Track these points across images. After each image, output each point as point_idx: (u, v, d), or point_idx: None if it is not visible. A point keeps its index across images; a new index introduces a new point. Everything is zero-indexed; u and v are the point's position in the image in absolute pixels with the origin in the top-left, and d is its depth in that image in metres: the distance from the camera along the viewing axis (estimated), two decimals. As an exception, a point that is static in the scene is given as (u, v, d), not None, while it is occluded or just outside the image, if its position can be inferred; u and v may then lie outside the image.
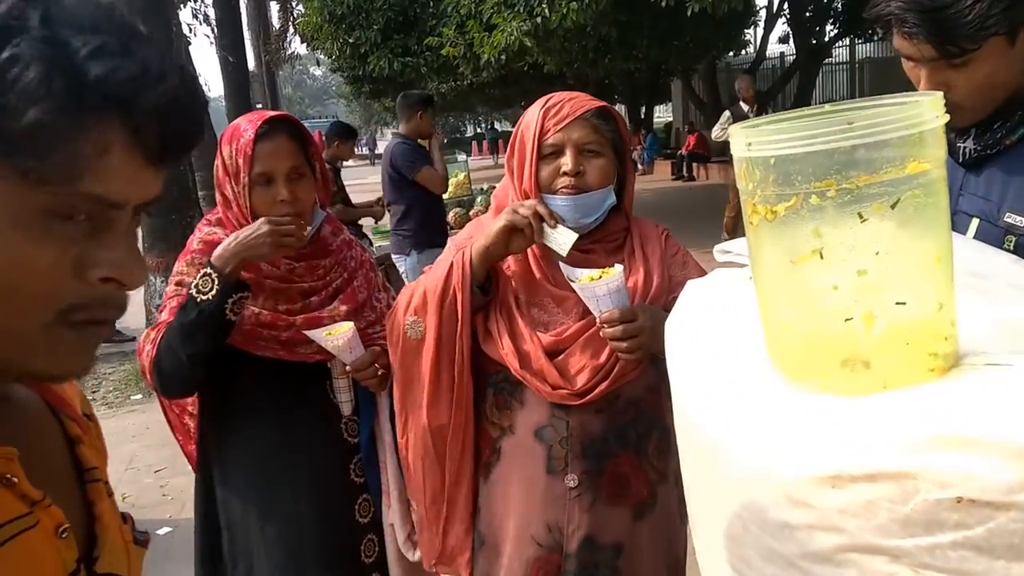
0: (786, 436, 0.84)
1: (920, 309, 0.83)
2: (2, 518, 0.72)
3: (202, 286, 1.89)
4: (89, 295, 0.70)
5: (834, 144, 0.78)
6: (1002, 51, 1.37)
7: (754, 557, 0.89)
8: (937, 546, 0.71)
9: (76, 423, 0.89)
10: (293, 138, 2.01)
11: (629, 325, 1.69)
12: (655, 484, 1.85)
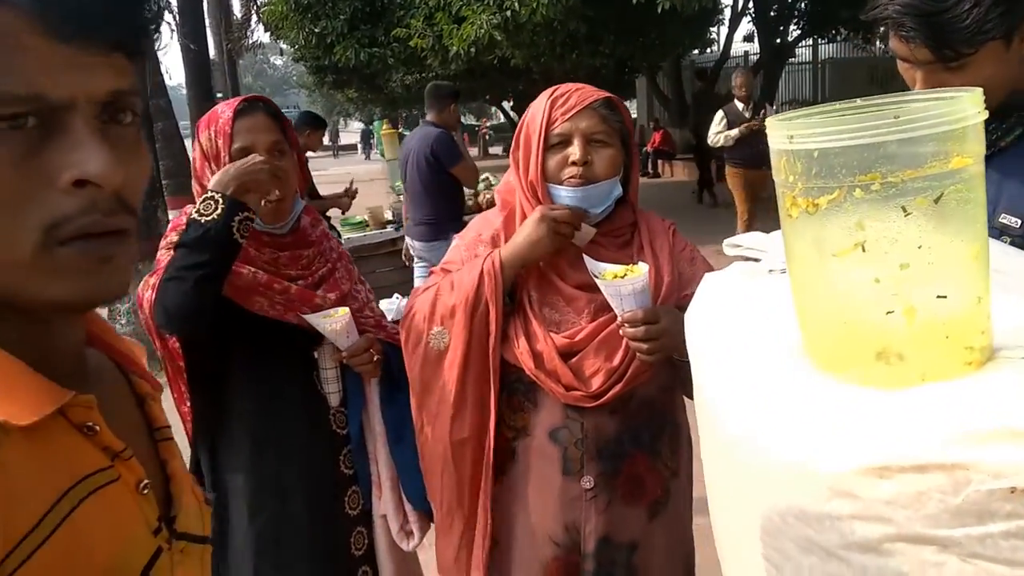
0: (828, 428, 0.85)
1: (960, 303, 0.84)
2: (84, 470, 0.70)
3: (204, 209, 1.83)
4: (69, 206, 0.66)
5: (881, 138, 0.79)
6: (998, 55, 1.39)
7: (791, 548, 0.90)
8: (988, 535, 0.72)
9: (145, 380, 0.87)
10: (271, 116, 1.99)
11: (652, 327, 1.68)
12: (668, 482, 1.86)
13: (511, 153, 1.86)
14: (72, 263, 0.67)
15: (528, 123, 1.80)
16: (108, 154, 0.67)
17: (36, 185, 0.65)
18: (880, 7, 1.43)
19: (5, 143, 0.63)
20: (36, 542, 0.64)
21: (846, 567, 0.83)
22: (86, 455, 0.72)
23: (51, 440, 0.69)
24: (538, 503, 1.81)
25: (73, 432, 0.71)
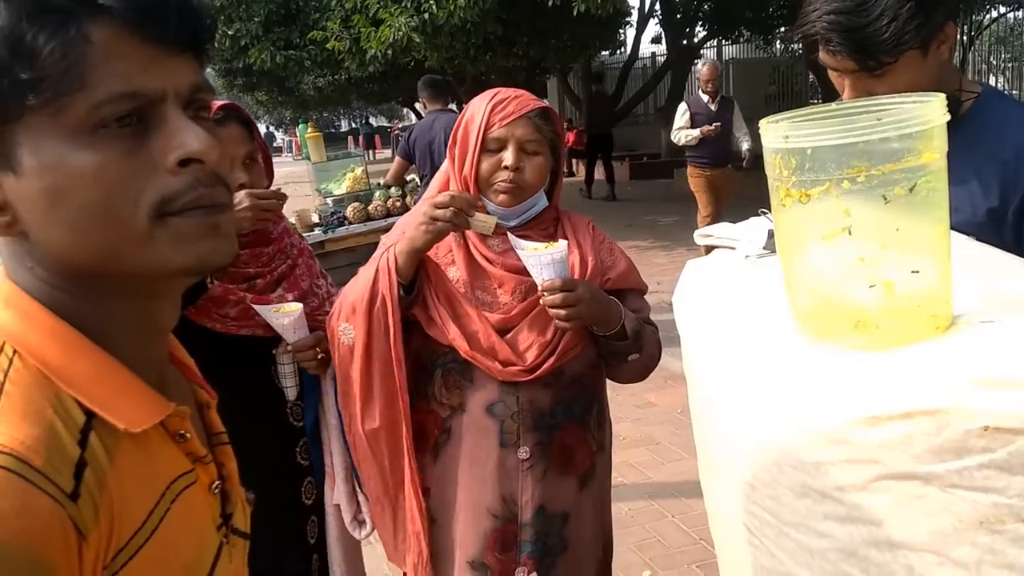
0: (821, 386, 0.98)
1: (930, 277, 0.99)
2: (176, 472, 0.78)
3: None
4: (177, 184, 0.73)
5: (866, 137, 0.93)
6: (917, 62, 1.55)
7: (785, 494, 1.03)
8: (965, 468, 0.87)
9: (204, 390, 0.96)
10: (243, 125, 2.05)
11: (569, 294, 1.77)
12: (595, 454, 1.97)
13: (448, 148, 1.95)
14: (186, 231, 0.74)
15: (467, 122, 1.90)
16: (205, 134, 0.75)
17: (146, 171, 0.72)
18: (808, 24, 1.58)
19: (116, 140, 0.71)
20: (141, 540, 0.71)
21: (839, 506, 0.97)
22: (176, 459, 0.80)
23: (151, 445, 0.77)
24: (476, 477, 1.88)
25: (167, 439, 0.80)
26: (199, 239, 0.75)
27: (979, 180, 1.60)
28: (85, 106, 0.69)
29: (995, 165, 1.59)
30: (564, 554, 1.93)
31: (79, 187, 0.70)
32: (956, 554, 0.89)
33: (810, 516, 1.01)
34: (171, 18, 0.73)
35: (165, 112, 0.74)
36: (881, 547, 0.94)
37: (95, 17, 0.70)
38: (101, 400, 0.72)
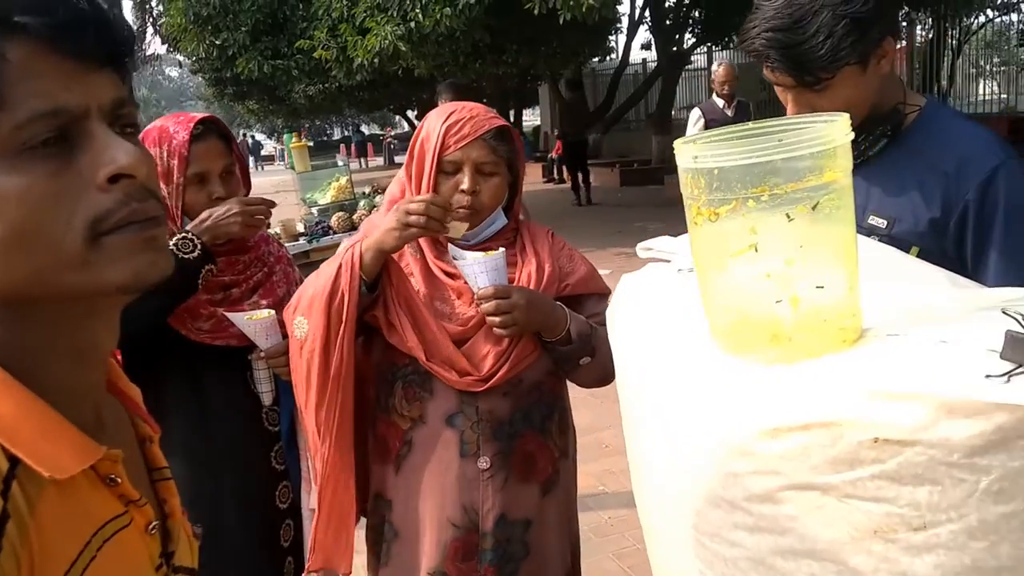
0: (729, 399, 1.01)
1: (834, 292, 1.02)
2: (105, 517, 0.77)
3: (183, 246, 1.95)
4: (108, 201, 0.73)
5: (768, 157, 0.96)
6: (856, 77, 1.58)
7: (702, 505, 1.06)
8: (859, 479, 0.89)
9: (147, 424, 0.95)
10: (222, 138, 2.09)
11: (502, 301, 1.81)
12: (558, 461, 1.99)
13: (405, 166, 1.97)
14: (121, 247, 0.73)
15: (423, 141, 1.91)
16: (133, 148, 0.74)
17: (76, 190, 0.71)
18: (748, 40, 1.61)
19: (42, 160, 0.70)
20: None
21: (748, 516, 1.00)
22: (106, 504, 0.78)
23: (78, 490, 0.74)
24: (437, 488, 1.90)
25: (97, 482, 0.77)
26: (135, 255, 0.75)
27: (921, 191, 1.64)
28: (7, 128, 0.69)
29: (937, 177, 1.63)
30: (527, 559, 1.96)
31: (6, 212, 0.69)
32: (854, 562, 0.92)
33: (723, 526, 1.03)
34: (89, 33, 0.73)
35: (90, 128, 0.73)
36: (786, 556, 0.97)
37: (11, 36, 0.70)
38: (24, 445, 0.70)
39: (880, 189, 1.70)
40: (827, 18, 1.51)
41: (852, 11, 1.51)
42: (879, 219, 1.68)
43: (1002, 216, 1.58)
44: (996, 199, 1.58)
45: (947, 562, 0.88)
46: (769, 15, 1.56)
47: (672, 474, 1.11)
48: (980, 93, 20.01)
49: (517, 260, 1.99)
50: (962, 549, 0.87)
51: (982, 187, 1.58)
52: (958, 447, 0.85)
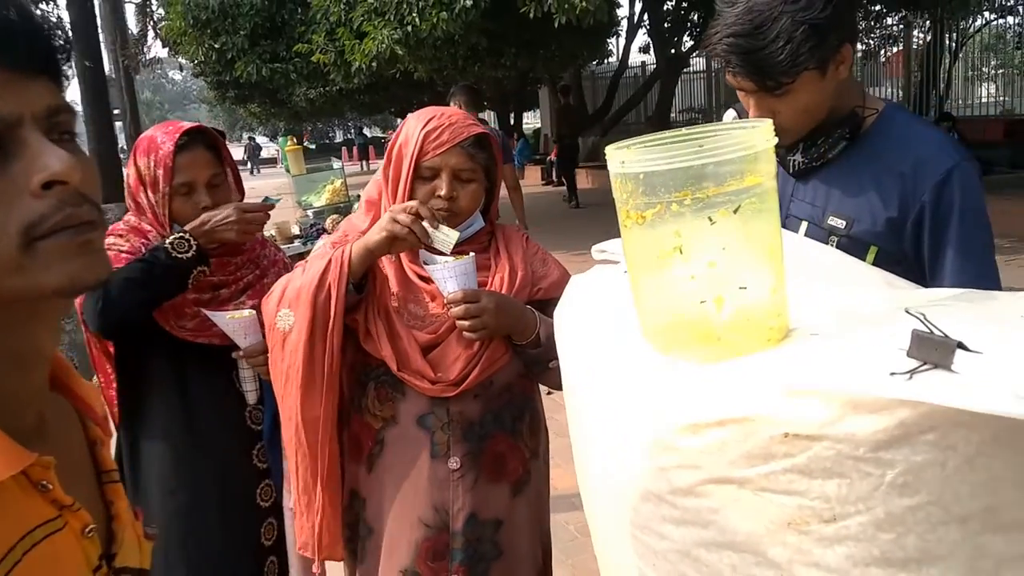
0: (656, 397, 1.04)
1: (758, 292, 1.05)
2: (35, 522, 0.78)
3: (178, 246, 2.01)
4: (42, 207, 0.74)
5: (688, 163, 0.99)
6: (815, 82, 1.62)
7: (634, 499, 1.09)
8: (772, 472, 0.93)
9: (99, 427, 0.96)
10: (210, 148, 2.13)
11: (472, 305, 1.84)
12: (529, 461, 2.03)
13: (383, 168, 1.99)
14: (56, 252, 0.74)
15: (401, 145, 1.94)
16: (67, 155, 0.75)
17: (9, 197, 0.73)
18: (710, 46, 1.65)
19: None
20: None
21: (674, 509, 1.03)
22: (35, 509, 0.78)
23: (6, 496, 0.75)
24: (408, 488, 1.93)
25: (28, 488, 0.78)
26: (71, 259, 0.75)
27: (879, 192, 1.68)
28: None
29: (894, 178, 1.67)
30: (498, 560, 1.99)
31: None
32: (770, 554, 0.95)
33: (652, 519, 1.07)
34: (20, 42, 0.75)
35: (24, 136, 0.75)
36: (709, 548, 1.00)
37: None
38: None
39: (839, 190, 1.74)
40: (786, 24, 1.55)
41: (811, 17, 1.55)
42: (838, 220, 1.72)
43: (956, 217, 1.62)
44: (951, 200, 1.62)
45: (857, 553, 0.91)
46: (730, 21, 1.60)
47: (607, 469, 1.15)
48: (978, 96, 19.98)
49: (491, 263, 2.02)
50: (871, 541, 0.90)
51: (937, 188, 1.62)
52: (863, 442, 0.88)
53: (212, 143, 2.16)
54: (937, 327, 0.88)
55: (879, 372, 0.88)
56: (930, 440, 0.86)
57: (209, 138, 2.16)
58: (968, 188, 1.62)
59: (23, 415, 0.82)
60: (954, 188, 1.61)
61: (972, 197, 1.63)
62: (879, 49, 20.90)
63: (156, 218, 2.11)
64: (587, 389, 1.21)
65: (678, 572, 1.05)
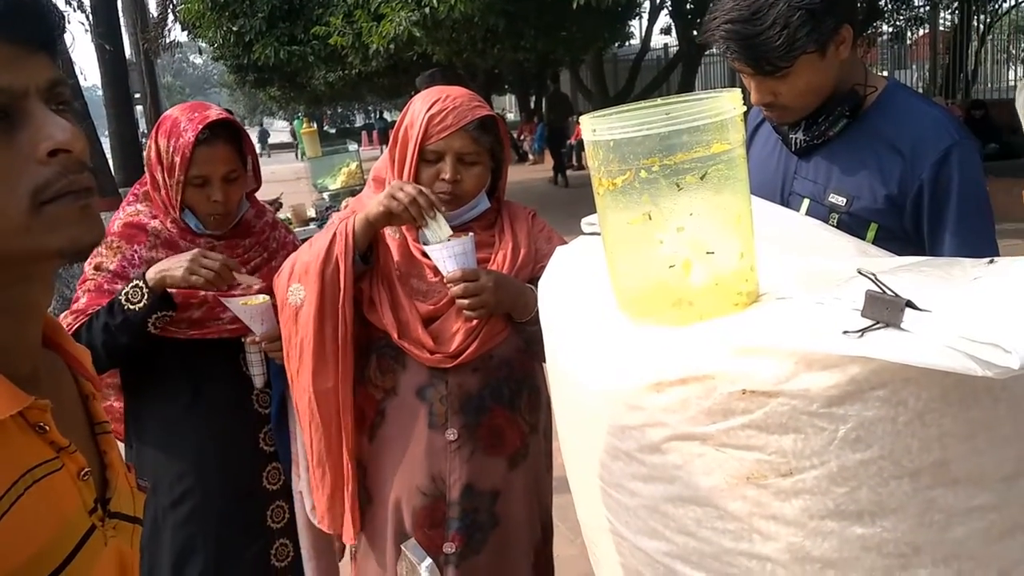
0: (624, 358, 1.08)
1: (726, 257, 1.08)
2: (34, 461, 0.84)
3: (132, 296, 2.03)
4: (48, 173, 0.80)
5: (656, 130, 1.02)
6: (814, 64, 1.64)
7: (606, 458, 1.13)
8: (731, 428, 0.96)
9: (90, 381, 1.02)
10: (230, 141, 2.14)
11: (470, 284, 1.86)
12: (527, 436, 2.06)
13: (389, 149, 2.02)
14: (61, 215, 0.81)
15: (407, 128, 1.96)
16: (69, 126, 0.81)
17: (19, 164, 0.79)
18: (708, 32, 1.67)
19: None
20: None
21: (642, 466, 1.06)
22: (35, 449, 0.85)
23: (6, 435, 0.80)
24: (407, 457, 1.97)
25: (27, 429, 0.83)
26: (72, 222, 0.82)
27: (879, 169, 1.70)
28: None
29: (894, 156, 1.68)
30: (495, 529, 2.03)
31: None
32: (731, 507, 0.99)
33: (623, 476, 1.10)
34: (27, 20, 0.81)
35: (29, 107, 0.81)
36: (675, 503, 1.04)
37: None
38: None
39: (840, 168, 1.75)
40: (783, 9, 1.57)
41: (806, 3, 1.57)
42: (839, 197, 1.74)
43: (955, 195, 1.63)
44: (949, 178, 1.63)
45: (813, 506, 0.95)
46: (728, 7, 1.62)
47: (582, 430, 1.18)
48: (1008, 78, 19.68)
49: (495, 240, 2.05)
50: (825, 494, 0.94)
51: (935, 167, 1.63)
52: (817, 397, 0.91)
53: (234, 137, 2.17)
54: (889, 288, 0.91)
55: (833, 331, 0.91)
56: (881, 396, 0.90)
57: (232, 130, 2.18)
58: (967, 167, 1.63)
59: (19, 364, 0.87)
60: (952, 167, 1.63)
61: (971, 176, 1.64)
62: (905, 31, 20.62)
63: (168, 200, 2.14)
64: (563, 353, 1.25)
65: (648, 527, 1.09)
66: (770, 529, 0.97)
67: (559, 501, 2.27)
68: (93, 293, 2.11)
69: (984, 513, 0.93)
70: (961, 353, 0.81)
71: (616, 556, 1.19)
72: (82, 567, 0.87)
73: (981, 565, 0.94)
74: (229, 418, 2.23)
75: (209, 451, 2.21)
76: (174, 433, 2.21)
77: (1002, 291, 0.91)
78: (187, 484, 2.20)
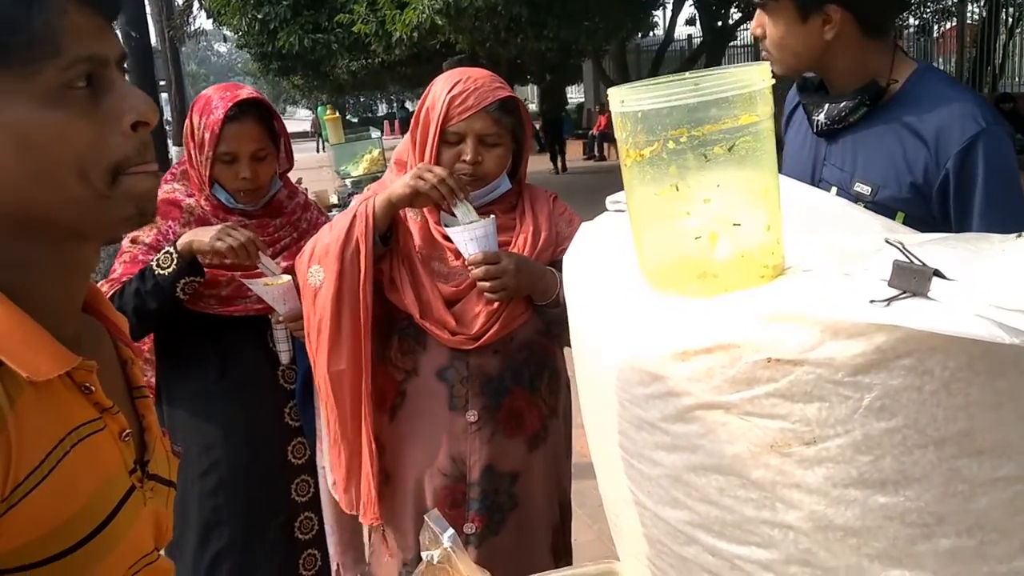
0: (649, 328, 1.09)
1: (752, 230, 1.08)
2: (79, 420, 0.88)
3: (163, 262, 2.09)
4: (129, 148, 0.86)
5: (684, 101, 1.03)
6: (792, 21, 1.67)
7: (628, 428, 1.14)
8: (755, 397, 0.97)
9: (129, 348, 1.06)
10: (260, 121, 2.18)
11: (492, 267, 1.89)
12: (547, 419, 2.08)
13: (410, 130, 2.03)
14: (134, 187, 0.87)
15: (428, 109, 1.97)
16: (150, 99, 0.87)
17: (103, 130, 0.84)
18: None
19: (78, 100, 0.83)
20: (37, 479, 0.81)
21: (665, 436, 1.07)
22: (81, 408, 0.88)
23: (55, 394, 0.85)
24: (427, 438, 2.00)
25: (73, 389, 0.88)
26: (140, 198, 0.88)
27: (904, 158, 1.68)
28: (54, 70, 0.81)
29: (919, 144, 1.67)
30: (515, 511, 2.05)
31: (50, 143, 0.82)
32: (754, 476, 1.00)
33: (645, 446, 1.11)
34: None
35: (111, 77, 0.86)
36: (698, 472, 1.05)
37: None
38: (7, 349, 0.80)
39: (865, 156, 1.75)
40: None
41: None
42: (864, 186, 1.73)
43: (981, 184, 1.61)
44: (975, 167, 1.61)
45: (836, 474, 0.95)
46: None
47: (605, 401, 1.19)
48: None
49: (516, 223, 2.06)
50: (849, 462, 0.94)
51: (961, 155, 1.61)
52: (842, 366, 0.91)
53: (265, 115, 2.21)
54: (917, 257, 0.91)
55: (859, 300, 0.91)
56: (906, 365, 0.90)
57: (262, 110, 2.21)
58: (994, 155, 1.61)
59: (66, 325, 0.91)
60: (978, 155, 1.60)
61: (999, 164, 1.61)
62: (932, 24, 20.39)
63: (200, 176, 2.19)
64: (588, 325, 1.26)
65: (670, 497, 1.10)
66: (793, 497, 0.98)
67: (578, 487, 2.29)
68: (128, 264, 2.17)
69: (1009, 484, 0.93)
70: (988, 320, 0.82)
71: (638, 527, 1.19)
72: (123, 525, 0.91)
73: (1005, 536, 0.94)
74: (256, 392, 2.28)
75: (236, 424, 2.26)
76: (203, 405, 2.26)
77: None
78: (214, 456, 2.25)
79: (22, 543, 0.81)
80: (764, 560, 1.01)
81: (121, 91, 0.86)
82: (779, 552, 1.00)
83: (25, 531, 0.81)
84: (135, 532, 0.94)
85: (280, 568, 2.32)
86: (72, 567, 0.85)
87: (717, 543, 1.05)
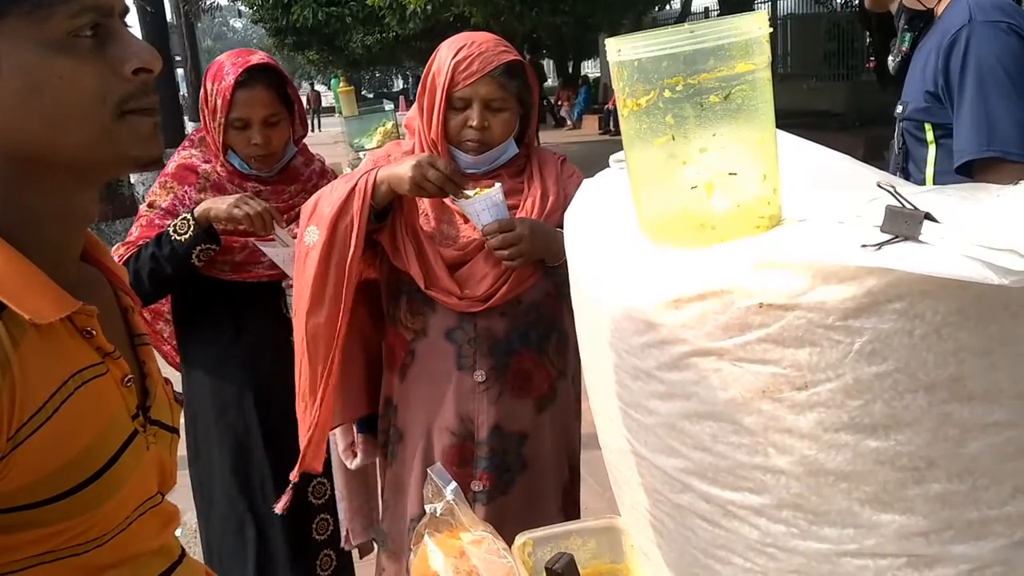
0: (644, 276, 1.09)
1: (748, 179, 1.08)
2: (82, 364, 0.90)
3: (179, 228, 2.12)
4: (131, 88, 0.89)
5: (679, 48, 1.03)
6: None
7: (626, 378, 1.14)
8: (747, 343, 0.97)
9: (128, 296, 1.08)
10: (271, 87, 2.19)
11: (507, 235, 1.89)
12: (555, 380, 2.09)
13: (418, 97, 2.04)
14: (138, 126, 0.91)
15: (434, 75, 1.97)
16: (151, 47, 0.91)
17: (109, 75, 0.88)
18: None
19: (84, 47, 0.86)
20: (41, 419, 0.84)
21: (660, 384, 1.08)
22: (83, 353, 0.91)
23: (57, 338, 0.87)
24: (435, 397, 2.02)
25: (75, 333, 0.91)
26: (146, 137, 0.92)
27: (923, 71, 1.78)
28: (62, 17, 0.84)
29: (933, 53, 1.75)
30: (524, 471, 2.07)
31: (58, 87, 0.85)
32: (747, 422, 1.00)
33: (641, 395, 1.12)
34: None
35: (115, 26, 0.90)
36: (692, 419, 1.06)
37: None
38: (10, 294, 0.83)
39: (908, 79, 1.85)
40: None
41: None
42: (899, 106, 1.84)
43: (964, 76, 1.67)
44: (957, 60, 1.68)
45: (827, 419, 0.96)
46: None
47: (603, 353, 1.20)
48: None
49: (523, 187, 2.06)
50: (840, 407, 0.95)
51: (946, 52, 1.69)
52: (833, 310, 0.92)
53: (275, 82, 2.21)
54: (908, 200, 0.91)
55: (851, 245, 0.92)
56: (897, 309, 0.90)
57: (273, 76, 2.21)
58: (974, 45, 1.66)
59: (66, 272, 0.93)
60: (959, 48, 1.67)
61: (979, 54, 1.65)
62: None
63: (213, 142, 2.21)
64: (585, 276, 1.27)
65: (666, 445, 1.11)
66: (784, 442, 0.98)
67: (589, 456, 2.30)
68: (145, 228, 2.21)
69: (1000, 429, 0.93)
70: (977, 261, 0.82)
71: (636, 477, 1.21)
72: (127, 467, 0.93)
73: (996, 481, 0.95)
74: (269, 356, 2.31)
75: (250, 387, 2.29)
76: (218, 368, 2.30)
77: (1022, 204, 0.90)
78: (229, 418, 2.29)
79: (29, 481, 0.83)
80: (756, 505, 1.02)
81: (124, 40, 0.89)
82: (771, 497, 1.01)
83: (31, 469, 0.83)
84: (139, 475, 0.97)
85: (290, 529, 2.35)
86: (78, 506, 0.88)
87: (710, 489, 1.06)
